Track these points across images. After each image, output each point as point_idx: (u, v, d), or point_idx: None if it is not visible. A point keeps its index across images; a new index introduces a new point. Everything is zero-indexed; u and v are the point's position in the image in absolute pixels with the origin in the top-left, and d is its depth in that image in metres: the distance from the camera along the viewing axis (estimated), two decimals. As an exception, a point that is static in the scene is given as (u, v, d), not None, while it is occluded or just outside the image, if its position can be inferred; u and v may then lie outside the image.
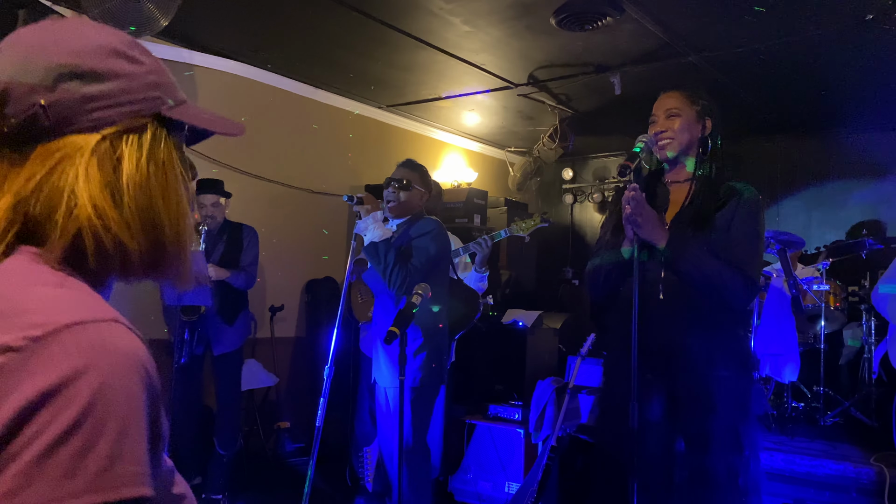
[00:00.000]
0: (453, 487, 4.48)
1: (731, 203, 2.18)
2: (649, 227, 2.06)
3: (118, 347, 0.66)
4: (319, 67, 4.98)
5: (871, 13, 3.68)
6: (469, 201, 5.87)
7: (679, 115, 2.26)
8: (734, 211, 2.17)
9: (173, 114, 0.82)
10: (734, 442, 2.13)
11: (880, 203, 5.96)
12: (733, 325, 2.25)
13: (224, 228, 4.13)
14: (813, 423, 4.36)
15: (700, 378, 2.12)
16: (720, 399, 2.10)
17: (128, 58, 0.79)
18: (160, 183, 0.79)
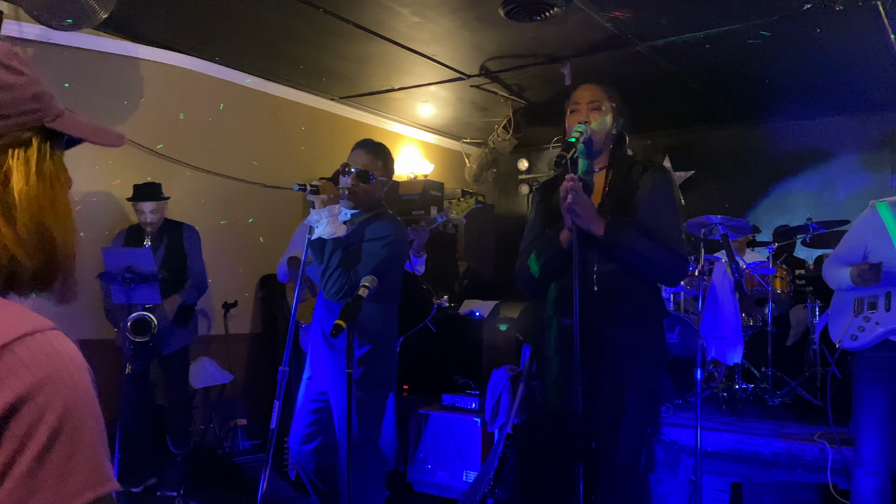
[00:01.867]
0: (412, 478, 4.50)
1: (645, 184, 2.25)
2: (588, 216, 2.09)
3: (67, 353, 0.69)
4: (269, 60, 4.92)
5: (809, 3, 3.77)
6: (426, 193, 5.87)
7: (600, 108, 2.32)
8: (652, 191, 2.24)
9: (56, 125, 0.79)
10: (645, 426, 2.24)
11: (824, 188, 6.14)
12: (655, 316, 2.36)
13: (163, 229, 4.07)
14: (762, 404, 4.48)
15: (620, 365, 2.21)
16: (636, 385, 2.21)
17: (9, 69, 0.76)
18: (49, 197, 0.77)
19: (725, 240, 3.78)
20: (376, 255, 2.76)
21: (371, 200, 2.90)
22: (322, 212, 2.67)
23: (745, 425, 4.03)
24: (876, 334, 2.85)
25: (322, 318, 2.95)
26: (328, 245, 2.70)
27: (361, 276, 2.67)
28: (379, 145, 2.96)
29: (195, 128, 4.88)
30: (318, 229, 2.70)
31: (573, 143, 2.14)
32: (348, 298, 2.66)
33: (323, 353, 2.92)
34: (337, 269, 2.68)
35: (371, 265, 2.73)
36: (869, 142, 5.99)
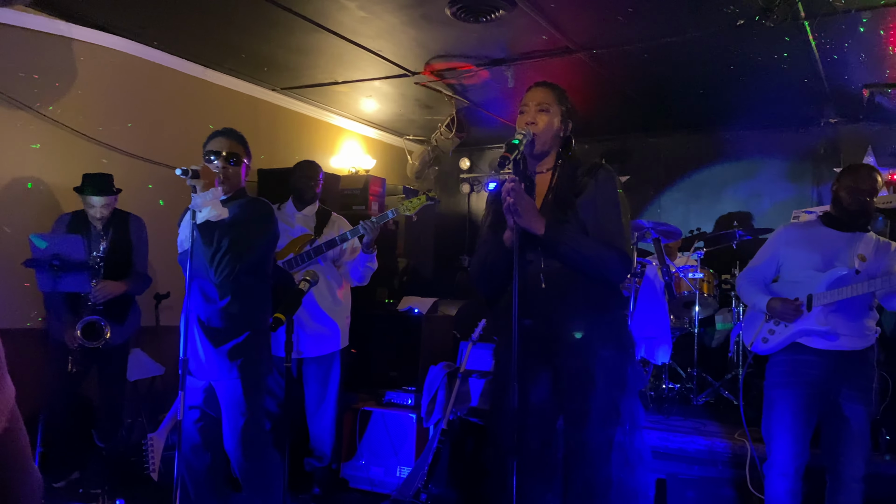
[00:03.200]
0: (346, 474, 4.49)
1: (589, 185, 2.29)
2: (528, 215, 2.13)
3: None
4: (210, 47, 4.82)
5: (742, 19, 3.93)
6: (366, 188, 5.85)
7: (548, 110, 2.34)
8: (595, 191, 2.27)
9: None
10: (613, 416, 2.25)
11: (751, 197, 6.41)
12: (612, 308, 2.37)
13: (110, 220, 3.94)
14: (687, 403, 4.66)
15: (581, 359, 2.22)
16: (600, 377, 2.22)
17: None
18: None
19: (657, 244, 3.91)
20: (257, 237, 2.85)
21: (238, 183, 2.99)
22: (206, 195, 2.71)
23: (671, 423, 4.19)
24: (784, 338, 3.00)
25: (197, 305, 2.90)
26: (216, 228, 2.73)
27: (246, 259, 2.76)
28: (235, 131, 3.04)
29: (130, 113, 4.73)
30: (203, 213, 2.73)
31: (516, 145, 2.18)
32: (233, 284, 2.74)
33: (199, 343, 2.87)
34: (228, 252, 2.72)
35: (249, 245, 2.80)
36: (793, 154, 6.29)
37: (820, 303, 2.91)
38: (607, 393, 2.22)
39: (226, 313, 2.85)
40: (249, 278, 2.87)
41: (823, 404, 2.94)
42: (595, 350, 2.24)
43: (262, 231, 2.90)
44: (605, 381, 2.22)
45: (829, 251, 2.97)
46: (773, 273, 3.15)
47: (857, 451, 2.89)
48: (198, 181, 2.70)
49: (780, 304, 2.97)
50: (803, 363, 2.94)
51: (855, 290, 2.84)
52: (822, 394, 2.93)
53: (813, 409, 2.93)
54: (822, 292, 2.91)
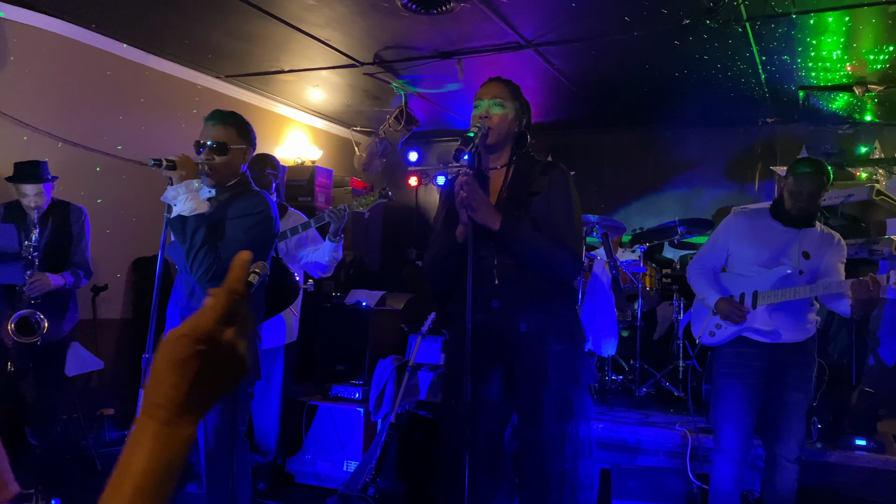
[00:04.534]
0: (292, 469, 4.43)
1: (543, 184, 2.30)
2: (483, 210, 2.12)
3: None
4: (151, 31, 4.65)
5: (688, 18, 4.02)
6: (313, 180, 5.78)
7: (502, 105, 2.34)
8: (549, 189, 2.29)
9: None
10: (566, 410, 2.27)
11: (691, 193, 6.59)
12: (563, 303, 2.40)
13: (49, 210, 3.77)
14: (629, 395, 4.76)
15: (534, 354, 2.24)
16: (553, 371, 2.24)
17: None
18: None
19: (605, 238, 3.98)
20: (245, 234, 2.61)
21: (232, 173, 2.73)
22: (179, 187, 2.51)
23: (615, 414, 4.27)
24: (731, 332, 3.10)
25: (181, 302, 2.76)
26: (190, 222, 2.53)
27: (230, 255, 2.49)
28: (230, 113, 2.77)
29: (65, 98, 4.54)
30: (177, 206, 2.53)
31: (472, 138, 2.18)
32: (216, 281, 2.50)
33: None
34: (202, 248, 2.51)
35: (240, 244, 2.55)
36: (733, 152, 6.48)
37: (765, 302, 3.01)
38: (560, 387, 2.25)
39: None
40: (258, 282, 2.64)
41: (766, 392, 3.05)
42: (547, 344, 2.26)
43: (247, 227, 2.62)
44: (558, 376, 2.25)
45: (776, 247, 3.06)
46: (721, 263, 3.24)
47: (793, 434, 3.03)
48: (173, 173, 2.50)
49: (728, 306, 3.04)
50: (748, 355, 3.05)
51: (797, 294, 2.94)
52: (765, 383, 3.04)
53: (757, 399, 3.04)
54: (766, 291, 3.01)
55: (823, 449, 3.54)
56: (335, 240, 3.88)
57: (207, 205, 2.61)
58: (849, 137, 6.04)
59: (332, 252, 3.93)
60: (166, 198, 2.55)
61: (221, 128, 2.68)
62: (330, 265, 4.01)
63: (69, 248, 3.79)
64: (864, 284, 2.72)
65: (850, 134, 6.02)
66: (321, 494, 4.14)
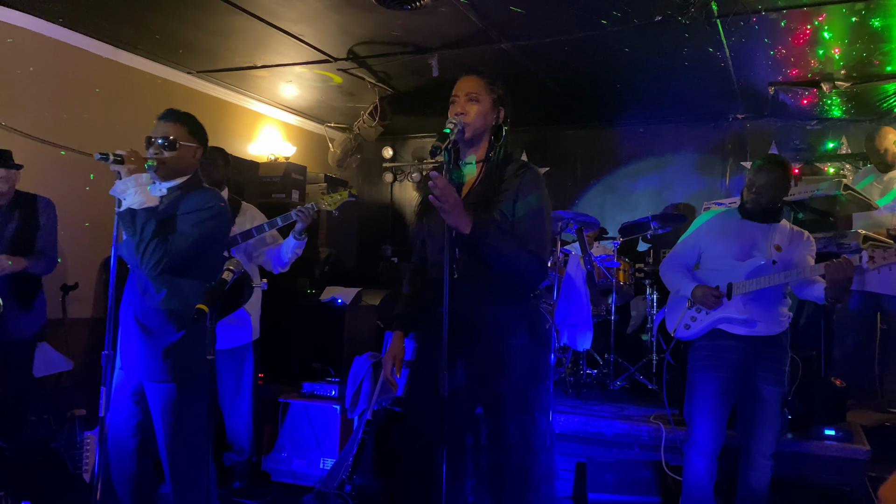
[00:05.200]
0: (268, 467, 4.41)
1: (514, 183, 2.29)
2: (454, 213, 2.10)
3: None
4: (121, 26, 4.57)
5: (660, 15, 4.06)
6: (287, 176, 5.73)
7: (478, 100, 2.32)
8: (519, 192, 2.27)
9: None
10: (526, 404, 2.28)
11: (664, 188, 6.66)
12: (524, 298, 2.37)
13: (16, 202, 3.70)
14: (604, 388, 4.81)
15: (494, 348, 2.25)
16: (514, 366, 2.24)
17: None
18: None
19: (580, 234, 4.00)
20: (196, 228, 2.64)
21: (185, 170, 2.77)
22: (128, 181, 2.55)
23: (590, 408, 4.31)
24: (706, 324, 3.14)
25: (134, 300, 2.74)
26: (139, 215, 2.56)
27: (178, 250, 2.58)
28: (183, 113, 2.81)
29: (35, 94, 4.45)
30: (126, 200, 2.56)
31: (447, 134, 2.17)
32: (166, 275, 2.59)
33: (135, 339, 2.70)
34: (153, 240, 2.54)
35: (188, 239, 2.61)
36: (704, 147, 6.56)
37: (739, 292, 3.05)
38: (520, 382, 2.26)
39: (162, 309, 2.66)
40: (187, 273, 2.66)
41: (741, 386, 3.10)
42: (508, 339, 2.26)
43: (198, 222, 2.65)
44: (519, 371, 2.25)
45: (747, 242, 3.11)
46: (695, 260, 3.29)
47: (769, 430, 3.07)
48: (122, 167, 2.53)
49: (703, 291, 3.10)
50: (723, 348, 3.09)
51: (771, 281, 2.99)
52: (739, 376, 3.08)
53: (731, 392, 3.08)
54: (741, 281, 3.05)
55: (794, 439, 3.60)
56: (300, 237, 3.86)
57: (157, 199, 2.63)
58: (817, 133, 6.14)
59: (296, 249, 3.92)
60: (115, 191, 2.57)
61: (172, 125, 2.74)
62: (290, 261, 4.00)
63: (34, 238, 3.73)
64: (839, 265, 2.77)
65: (818, 130, 6.13)
66: (297, 492, 4.12)
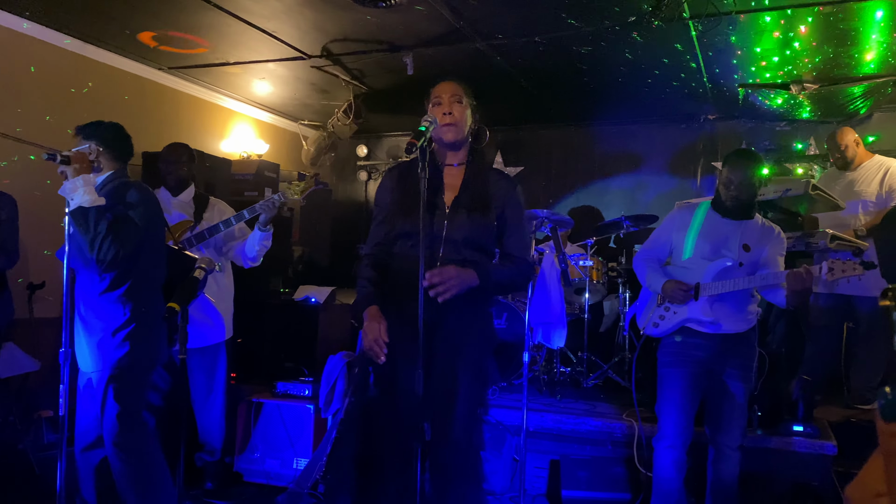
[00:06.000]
0: (240, 467, 4.37)
1: (501, 190, 2.40)
2: (462, 282, 2.19)
3: None
4: (90, 21, 4.50)
5: (633, 16, 4.10)
6: (260, 174, 5.68)
7: (461, 101, 2.39)
8: (505, 199, 2.39)
9: None
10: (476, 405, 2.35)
11: (637, 188, 6.72)
12: (487, 302, 2.47)
13: None
14: (577, 386, 4.83)
15: (458, 347, 2.29)
16: (472, 366, 2.31)
17: None
18: None
19: (554, 233, 4.02)
20: (137, 221, 2.79)
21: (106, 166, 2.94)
22: (76, 180, 2.65)
23: (564, 406, 4.33)
24: (674, 322, 3.18)
25: (81, 294, 2.83)
26: (91, 213, 2.65)
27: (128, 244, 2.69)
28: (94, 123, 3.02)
29: (2, 89, 4.36)
30: (75, 199, 2.65)
31: (423, 132, 2.18)
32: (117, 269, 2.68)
33: (81, 334, 2.79)
34: (108, 236, 2.63)
35: (136, 232, 2.75)
36: (676, 148, 6.64)
37: (706, 293, 3.09)
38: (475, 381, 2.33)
39: (108, 302, 2.75)
40: (134, 265, 2.77)
41: (709, 382, 3.14)
42: (471, 340, 2.32)
43: (142, 215, 2.82)
44: (475, 371, 2.32)
45: (717, 240, 3.15)
46: (666, 255, 3.32)
47: (736, 423, 3.13)
48: (68, 167, 2.64)
49: (673, 285, 3.13)
50: (691, 345, 3.13)
51: (736, 285, 3.03)
52: (707, 372, 3.13)
53: (699, 387, 3.13)
54: (708, 283, 3.09)
55: (763, 435, 3.66)
56: (264, 229, 3.84)
57: (104, 199, 2.72)
58: (786, 134, 6.25)
59: (262, 241, 3.89)
60: (64, 191, 2.66)
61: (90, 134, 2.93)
62: (259, 254, 3.97)
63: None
64: (798, 275, 2.82)
65: (788, 131, 6.23)
66: (270, 493, 4.09)
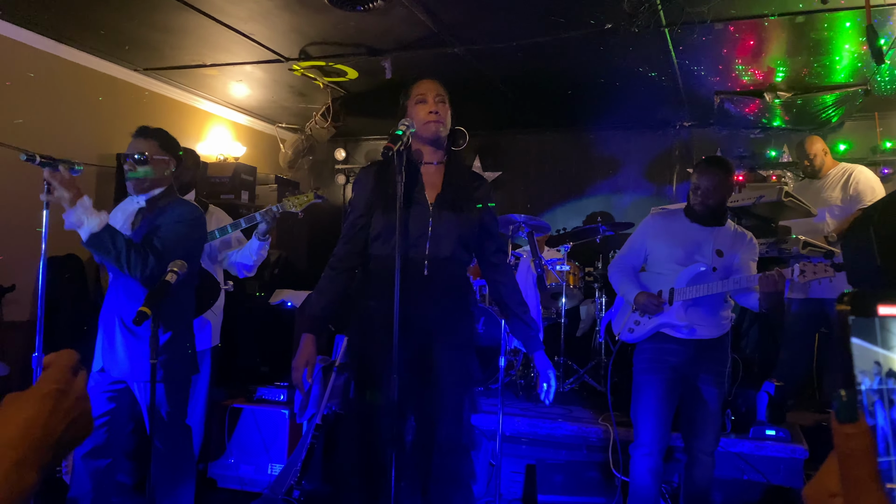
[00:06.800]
0: (214, 473, 4.32)
1: (481, 192, 2.44)
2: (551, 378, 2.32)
3: None
4: (63, 20, 4.43)
5: (610, 23, 4.13)
6: (236, 176, 5.64)
7: (445, 102, 2.41)
8: (485, 202, 2.43)
9: None
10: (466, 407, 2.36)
11: (613, 194, 6.77)
12: (472, 303, 2.49)
13: None
14: (554, 390, 4.84)
15: (439, 349, 2.29)
16: (452, 368, 2.30)
17: None
18: None
19: (531, 237, 4.04)
20: (178, 233, 2.76)
21: (161, 182, 2.88)
22: (76, 209, 2.56)
23: (540, 410, 4.33)
24: (649, 328, 3.20)
25: (119, 304, 2.81)
26: (104, 236, 2.59)
27: (164, 249, 2.66)
28: (154, 129, 2.93)
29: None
30: (85, 229, 2.58)
31: (400, 136, 2.18)
32: (153, 282, 2.58)
33: (120, 342, 2.77)
34: (129, 250, 2.60)
35: (172, 241, 2.72)
36: (653, 154, 6.70)
37: (680, 298, 3.11)
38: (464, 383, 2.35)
39: None
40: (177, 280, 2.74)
41: (684, 387, 3.16)
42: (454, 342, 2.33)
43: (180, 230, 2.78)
44: (462, 372, 2.33)
45: (690, 246, 3.18)
46: (641, 262, 3.34)
47: (710, 429, 3.15)
48: (65, 198, 2.54)
49: (645, 298, 3.15)
50: (666, 351, 3.15)
51: (711, 289, 3.06)
52: (682, 378, 3.15)
53: (675, 393, 3.15)
54: (682, 287, 3.12)
55: (736, 439, 3.70)
56: (263, 239, 3.81)
57: (107, 214, 2.67)
58: (760, 142, 6.33)
59: (259, 251, 3.87)
60: (70, 225, 2.59)
61: (144, 141, 2.84)
62: (255, 264, 3.94)
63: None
64: (771, 278, 2.86)
65: (761, 138, 6.31)
66: (245, 499, 4.04)
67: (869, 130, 5.92)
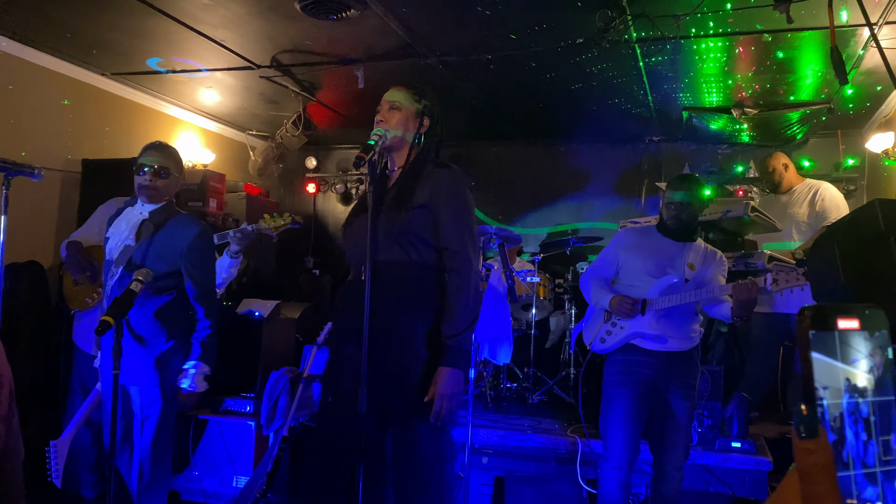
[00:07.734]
0: (178, 486, 4.23)
1: (432, 179, 2.29)
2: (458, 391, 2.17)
3: None
4: (28, 22, 4.34)
5: (582, 37, 4.17)
6: (204, 184, 5.55)
7: (399, 109, 2.37)
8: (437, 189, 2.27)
9: None
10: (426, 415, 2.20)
11: (583, 206, 6.83)
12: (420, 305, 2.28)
13: None
14: (523, 402, 4.85)
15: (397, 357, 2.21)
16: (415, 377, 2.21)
17: None
18: None
19: (501, 249, 4.05)
20: (212, 264, 3.04)
21: (167, 196, 3.00)
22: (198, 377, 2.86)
23: (509, 421, 4.33)
24: (620, 338, 3.22)
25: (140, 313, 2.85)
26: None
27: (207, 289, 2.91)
28: (169, 146, 3.11)
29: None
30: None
31: (372, 146, 2.17)
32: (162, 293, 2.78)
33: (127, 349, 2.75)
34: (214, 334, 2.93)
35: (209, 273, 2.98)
36: (621, 168, 6.78)
37: (653, 308, 3.14)
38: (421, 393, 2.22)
39: (154, 320, 2.84)
40: (178, 288, 2.89)
41: (653, 400, 3.18)
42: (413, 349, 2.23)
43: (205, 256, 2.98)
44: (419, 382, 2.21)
45: (662, 259, 3.21)
46: (613, 274, 3.36)
47: (679, 443, 3.16)
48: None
49: (620, 299, 3.18)
50: (636, 363, 3.16)
51: (683, 298, 3.09)
52: (652, 391, 3.16)
53: (645, 406, 3.16)
54: (654, 297, 3.14)
55: (702, 451, 3.73)
56: (235, 257, 3.77)
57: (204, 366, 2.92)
58: (727, 157, 6.44)
59: (230, 269, 3.82)
60: None
61: (166, 157, 2.99)
62: (225, 282, 3.88)
63: None
64: (745, 286, 2.91)
65: (729, 154, 6.43)
66: (209, 512, 3.97)
67: (832, 148, 6.06)
